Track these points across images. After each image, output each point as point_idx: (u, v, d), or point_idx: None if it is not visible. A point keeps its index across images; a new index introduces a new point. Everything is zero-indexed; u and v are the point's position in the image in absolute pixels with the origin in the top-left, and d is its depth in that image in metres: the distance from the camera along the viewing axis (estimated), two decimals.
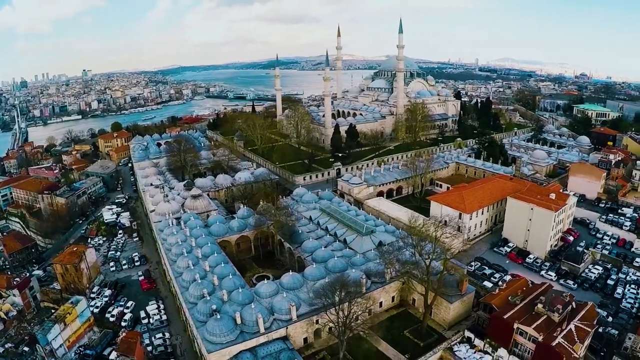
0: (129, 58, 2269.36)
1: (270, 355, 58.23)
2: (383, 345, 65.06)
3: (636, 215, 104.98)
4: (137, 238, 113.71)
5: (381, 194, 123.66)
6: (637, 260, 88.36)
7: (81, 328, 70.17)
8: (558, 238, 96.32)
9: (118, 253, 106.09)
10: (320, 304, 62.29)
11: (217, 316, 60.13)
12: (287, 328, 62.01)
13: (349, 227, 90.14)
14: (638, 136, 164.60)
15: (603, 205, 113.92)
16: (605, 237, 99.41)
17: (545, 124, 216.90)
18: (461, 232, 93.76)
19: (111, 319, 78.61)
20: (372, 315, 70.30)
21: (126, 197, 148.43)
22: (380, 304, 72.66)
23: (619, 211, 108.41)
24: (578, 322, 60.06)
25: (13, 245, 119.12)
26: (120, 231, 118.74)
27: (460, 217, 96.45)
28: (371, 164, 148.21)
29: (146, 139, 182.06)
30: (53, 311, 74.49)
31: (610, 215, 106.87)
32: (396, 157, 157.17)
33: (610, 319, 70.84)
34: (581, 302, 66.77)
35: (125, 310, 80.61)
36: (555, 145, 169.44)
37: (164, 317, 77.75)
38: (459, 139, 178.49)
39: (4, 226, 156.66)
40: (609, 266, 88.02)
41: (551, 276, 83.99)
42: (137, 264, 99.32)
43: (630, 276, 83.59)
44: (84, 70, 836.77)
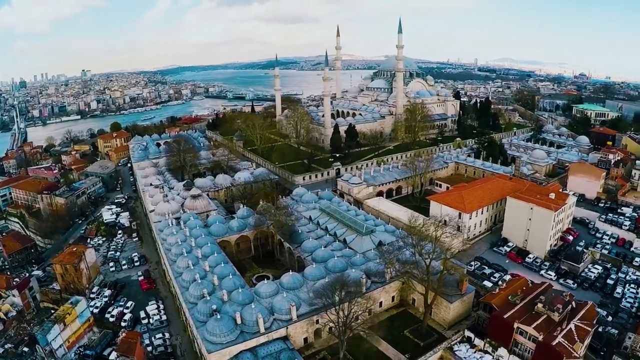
0: (128, 58, 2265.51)
1: (270, 355, 58.23)
2: (383, 345, 65.09)
3: (635, 214, 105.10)
4: (137, 238, 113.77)
5: (381, 194, 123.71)
6: (637, 259, 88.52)
7: (81, 328, 70.21)
8: (558, 238, 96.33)
9: (118, 253, 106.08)
10: (320, 304, 62.28)
11: (217, 316, 60.12)
12: (287, 328, 62.00)
13: (349, 227, 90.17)
14: (637, 136, 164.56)
15: (602, 204, 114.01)
16: (604, 237, 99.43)
17: (544, 124, 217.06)
18: (461, 232, 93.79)
19: (111, 319, 78.63)
20: (372, 315, 70.38)
21: (125, 197, 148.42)
22: (380, 304, 72.69)
23: (619, 211, 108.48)
24: (578, 322, 60.13)
25: (12, 245, 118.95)
26: (119, 231, 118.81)
27: (459, 217, 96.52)
28: (371, 164, 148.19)
29: (145, 139, 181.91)
30: (53, 311, 74.38)
31: (609, 214, 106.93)
32: (396, 157, 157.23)
33: (610, 319, 70.91)
34: (581, 302, 66.87)
35: (125, 310, 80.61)
36: (554, 145, 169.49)
37: (164, 317, 77.76)
38: (459, 139, 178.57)
39: (3, 226, 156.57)
40: (609, 266, 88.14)
41: (551, 276, 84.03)
42: (137, 264, 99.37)
43: (629, 275, 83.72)
44: (83, 70, 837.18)
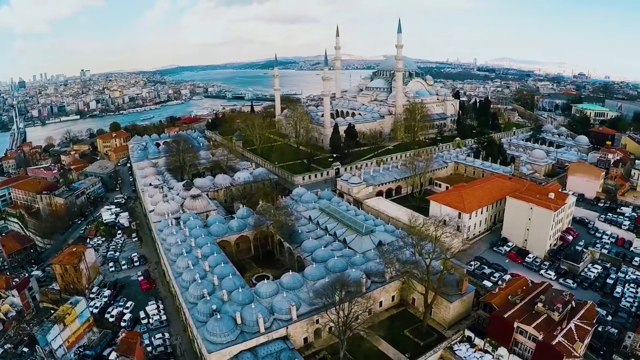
0: (127, 58, 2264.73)
1: (270, 355, 58.21)
2: (383, 344, 65.10)
3: (635, 214, 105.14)
4: (136, 238, 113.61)
5: (380, 194, 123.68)
6: (636, 259, 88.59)
7: (80, 328, 70.18)
8: (557, 237, 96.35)
9: (117, 253, 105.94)
10: (320, 304, 62.27)
11: (217, 316, 60.08)
12: (288, 328, 61.98)
13: (349, 227, 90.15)
14: (636, 135, 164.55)
15: (602, 204, 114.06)
16: (604, 236, 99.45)
17: (543, 124, 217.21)
18: (460, 232, 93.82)
19: (111, 320, 78.53)
20: (372, 314, 70.36)
21: (125, 197, 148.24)
22: (380, 304, 72.70)
23: (618, 210, 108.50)
24: (578, 321, 60.15)
25: (12, 245, 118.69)
26: (119, 231, 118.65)
27: (459, 217, 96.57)
28: (370, 164, 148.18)
29: (145, 139, 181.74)
30: (52, 312, 74.35)
31: (609, 214, 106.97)
32: (395, 157, 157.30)
33: (609, 318, 70.99)
34: (581, 301, 66.90)
35: (124, 310, 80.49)
36: (554, 144, 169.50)
37: (164, 318, 77.66)
38: (458, 139, 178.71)
39: (3, 226, 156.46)
40: (608, 265, 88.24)
41: (550, 275, 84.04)
42: (137, 264, 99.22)
43: (629, 275, 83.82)
44: (82, 70, 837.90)
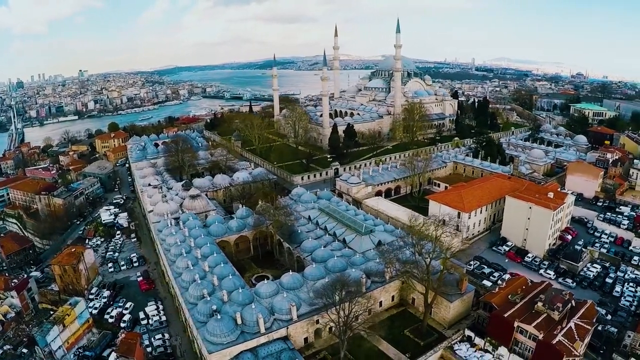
0: (126, 58, 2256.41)
1: (271, 355, 58.17)
2: (384, 344, 65.10)
3: (634, 213, 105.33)
4: (135, 239, 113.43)
5: (379, 194, 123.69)
6: (635, 258, 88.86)
7: (80, 329, 69.98)
8: (556, 237, 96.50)
9: (116, 254, 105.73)
10: (320, 304, 62.22)
11: (218, 316, 60.04)
12: (288, 328, 61.93)
13: (348, 227, 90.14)
14: (635, 135, 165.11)
15: (601, 204, 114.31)
16: (603, 236, 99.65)
17: (542, 123, 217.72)
18: (460, 231, 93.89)
19: (110, 320, 78.31)
20: (372, 314, 70.31)
21: (124, 198, 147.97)
22: (380, 304, 72.71)
23: (617, 210, 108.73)
24: (578, 320, 60.26)
25: (10, 246, 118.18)
26: (118, 232, 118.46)
27: (459, 216, 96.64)
28: (369, 164, 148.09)
29: (143, 139, 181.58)
30: (51, 313, 74.05)
31: (608, 213, 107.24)
32: (394, 157, 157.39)
33: (609, 317, 71.10)
34: (580, 301, 66.99)
35: (124, 311, 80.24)
36: (552, 144, 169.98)
37: (163, 318, 77.51)
38: (457, 139, 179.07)
39: (1, 227, 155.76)
40: (607, 264, 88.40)
41: (550, 275, 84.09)
42: (136, 265, 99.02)
43: (628, 274, 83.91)
44: (80, 70, 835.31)
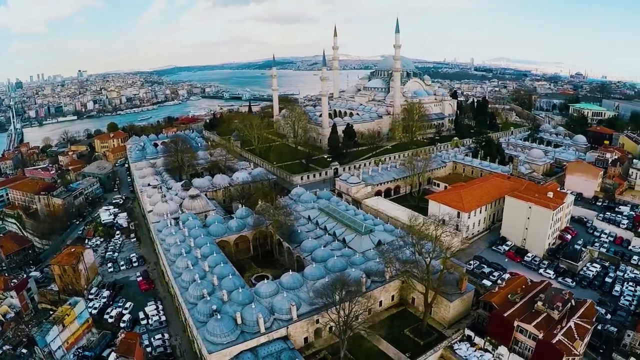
0: (125, 59, 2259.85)
1: (271, 355, 58.15)
2: (384, 344, 65.09)
3: (633, 213, 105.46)
4: (135, 239, 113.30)
5: (379, 194, 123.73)
6: (635, 257, 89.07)
7: (80, 329, 69.88)
8: (556, 236, 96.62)
9: (116, 254, 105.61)
10: (320, 304, 62.21)
11: (218, 316, 59.99)
12: (288, 328, 61.91)
13: (348, 227, 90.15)
14: (634, 135, 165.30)
15: (600, 203, 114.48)
16: (602, 235, 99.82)
17: (541, 123, 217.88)
18: (459, 231, 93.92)
19: (110, 320, 78.24)
20: (372, 314, 70.31)
21: (123, 198, 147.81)
22: (380, 303, 72.72)
23: (616, 209, 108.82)
24: (578, 320, 60.33)
25: (10, 246, 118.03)
26: (117, 232, 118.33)
27: (458, 216, 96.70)
28: (369, 164, 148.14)
29: (143, 140, 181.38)
30: (51, 313, 73.98)
31: (607, 213, 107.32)
32: (393, 157, 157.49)
33: (608, 317, 71.26)
34: (580, 300, 67.09)
35: (123, 311, 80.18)
36: (551, 144, 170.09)
37: (163, 318, 77.45)
38: (456, 138, 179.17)
39: (1, 227, 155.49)
40: (607, 264, 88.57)
41: (549, 274, 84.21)
42: (135, 265, 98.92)
43: (628, 274, 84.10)
44: (80, 70, 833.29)
